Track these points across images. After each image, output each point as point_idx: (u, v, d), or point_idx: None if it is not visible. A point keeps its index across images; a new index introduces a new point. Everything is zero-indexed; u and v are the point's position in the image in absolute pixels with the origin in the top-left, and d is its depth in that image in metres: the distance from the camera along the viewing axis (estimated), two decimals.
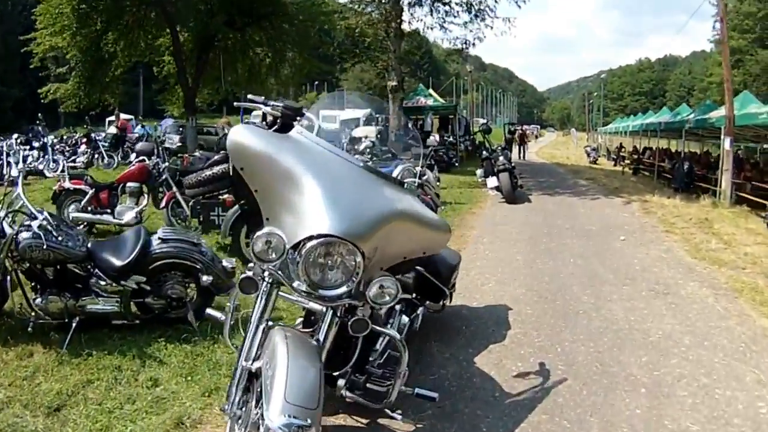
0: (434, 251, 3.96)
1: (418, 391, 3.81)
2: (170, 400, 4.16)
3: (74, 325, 5.06)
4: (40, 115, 19.92)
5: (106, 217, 9.45)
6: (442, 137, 29.49)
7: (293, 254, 3.03)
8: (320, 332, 3.29)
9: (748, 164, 21.27)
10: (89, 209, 9.52)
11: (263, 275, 3.15)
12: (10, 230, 5.04)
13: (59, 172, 15.05)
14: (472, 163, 23.98)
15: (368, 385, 3.76)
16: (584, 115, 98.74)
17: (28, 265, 5.10)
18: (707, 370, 4.79)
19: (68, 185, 9.75)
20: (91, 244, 5.38)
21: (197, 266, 5.43)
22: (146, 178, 10.03)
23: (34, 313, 5.09)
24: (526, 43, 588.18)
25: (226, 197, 8.71)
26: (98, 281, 5.26)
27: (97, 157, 20.66)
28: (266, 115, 3.68)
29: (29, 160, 17.87)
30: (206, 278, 5.34)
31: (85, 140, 21.46)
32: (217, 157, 9.25)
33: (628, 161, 31.35)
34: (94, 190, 9.65)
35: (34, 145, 19.12)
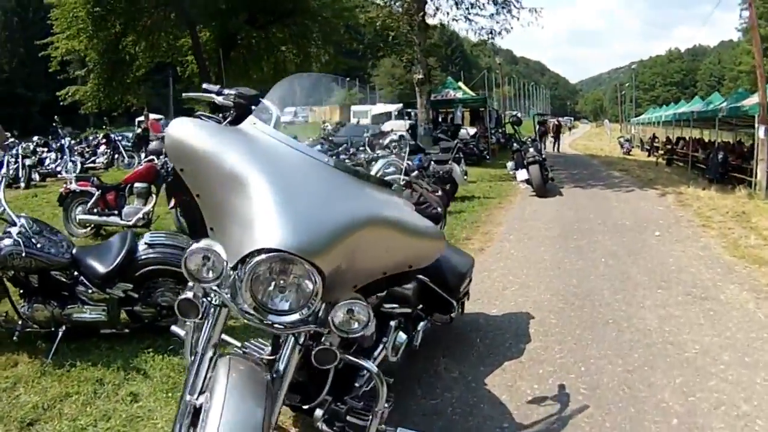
0: (422, 264, 3.26)
1: (401, 431, 3.18)
2: (144, 419, 3.79)
3: (60, 334, 4.71)
4: (56, 117, 19.64)
5: (113, 218, 9.01)
6: (481, 129, 28.64)
7: (239, 271, 2.44)
8: (281, 361, 2.72)
9: None
10: (95, 211, 9.12)
11: (207, 296, 2.56)
12: None
13: (64, 173, 14.81)
14: (504, 156, 23.22)
15: (348, 417, 3.14)
16: (617, 106, 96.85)
17: (12, 272, 4.73)
18: (747, 394, 4.11)
19: (74, 187, 9.34)
20: (75, 250, 4.98)
21: None
22: (154, 178, 9.51)
23: (20, 321, 4.76)
24: (556, 35, 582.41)
25: None
26: (84, 289, 4.87)
27: (117, 157, 20.29)
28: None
29: (47, 162, 17.67)
30: None
31: (104, 141, 21.07)
32: None
33: (661, 152, 30.30)
34: (100, 191, 9.23)
35: (53, 146, 18.86)
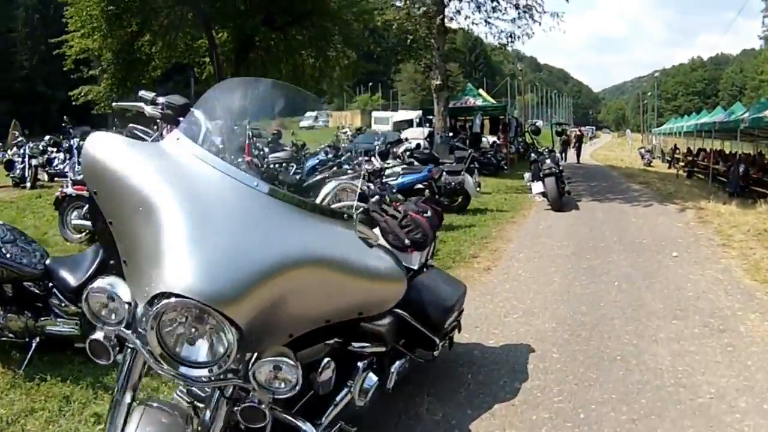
0: (375, 311, 2.84)
1: None
2: None
3: (34, 345, 4.43)
4: (65, 117, 19.21)
5: None
6: (503, 138, 28.04)
7: (146, 314, 2.05)
8: (205, 412, 2.35)
9: None
10: (89, 216, 8.68)
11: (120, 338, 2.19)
12: None
13: (71, 175, 14.50)
14: (523, 166, 22.60)
15: None
16: (639, 115, 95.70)
17: None
18: None
19: (70, 191, 8.96)
20: (49, 261, 4.65)
21: None
22: None
23: None
24: (580, 42, 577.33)
25: None
26: (57, 302, 4.56)
27: None
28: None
29: (55, 162, 17.38)
30: None
31: None
32: None
33: (682, 163, 29.59)
34: None
35: (63, 147, 18.53)
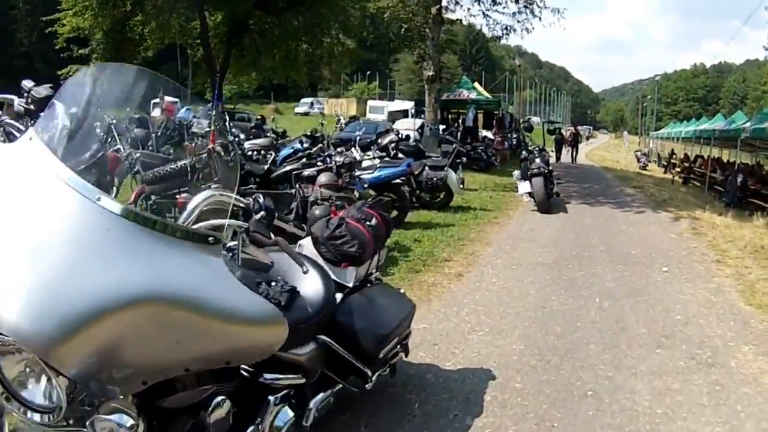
0: (248, 360, 2.35)
1: None
2: None
3: None
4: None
5: None
6: (500, 133, 27.38)
7: None
8: None
9: None
10: None
11: None
12: None
13: None
14: (515, 162, 21.93)
15: None
16: (638, 118, 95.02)
17: None
18: None
19: None
20: None
21: None
22: (114, 168, 8.49)
23: None
24: (584, 42, 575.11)
25: (179, 197, 7.14)
26: None
27: (110, 140, 19.16)
28: None
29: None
30: None
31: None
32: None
33: (678, 169, 28.93)
34: None
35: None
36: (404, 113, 43.63)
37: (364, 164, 10.35)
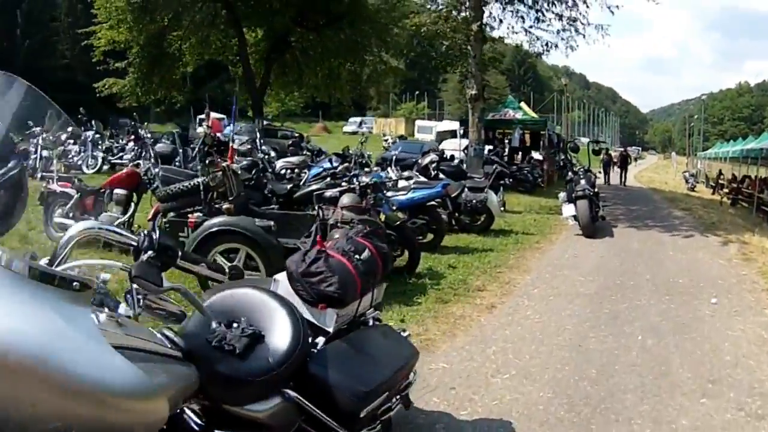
0: None
1: None
2: None
3: None
4: (81, 109, 18.55)
5: None
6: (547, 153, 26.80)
7: None
8: None
9: None
10: (72, 215, 8.02)
11: None
12: None
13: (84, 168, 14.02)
14: (561, 184, 21.31)
15: None
16: (685, 138, 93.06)
17: None
18: None
19: (54, 187, 8.38)
20: None
21: None
22: (136, 184, 8.39)
23: None
24: (630, 62, 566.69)
25: (190, 218, 6.86)
26: None
27: (144, 154, 19.00)
28: None
29: (71, 154, 17.01)
30: None
31: (133, 137, 19.58)
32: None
33: (726, 190, 27.90)
34: (79, 194, 8.28)
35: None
36: (452, 133, 43.26)
37: (399, 184, 9.95)
